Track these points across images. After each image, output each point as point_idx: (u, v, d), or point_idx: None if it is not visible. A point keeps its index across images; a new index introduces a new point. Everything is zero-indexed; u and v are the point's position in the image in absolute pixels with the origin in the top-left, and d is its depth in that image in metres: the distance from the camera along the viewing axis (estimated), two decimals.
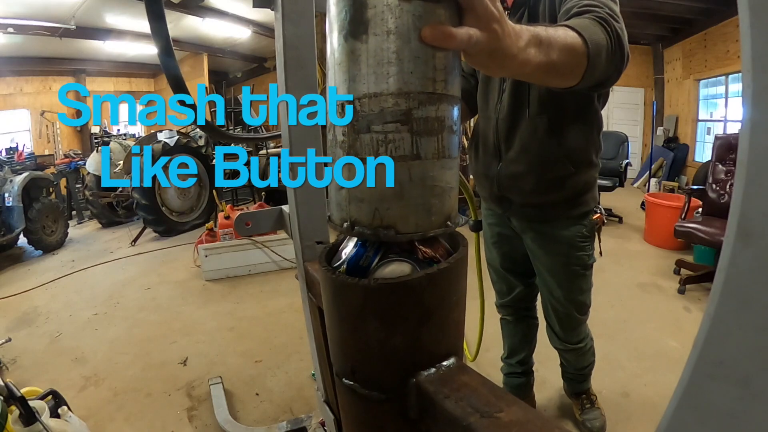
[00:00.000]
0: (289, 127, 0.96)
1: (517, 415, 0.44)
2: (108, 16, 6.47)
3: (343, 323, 0.53)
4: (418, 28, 0.45)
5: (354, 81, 0.48)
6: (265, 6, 0.95)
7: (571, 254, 1.41)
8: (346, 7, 0.47)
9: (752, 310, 0.27)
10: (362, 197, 0.49)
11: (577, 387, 1.83)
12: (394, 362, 0.51)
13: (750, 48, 0.26)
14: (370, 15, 0.46)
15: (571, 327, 1.56)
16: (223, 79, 8.53)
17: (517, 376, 1.84)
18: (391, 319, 0.49)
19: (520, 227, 1.48)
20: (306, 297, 1.07)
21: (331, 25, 0.49)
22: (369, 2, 0.46)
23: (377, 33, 0.46)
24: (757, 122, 0.27)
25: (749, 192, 0.27)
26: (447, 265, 0.50)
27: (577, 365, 1.73)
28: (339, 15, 0.48)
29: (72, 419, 1.58)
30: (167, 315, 3.15)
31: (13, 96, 8.10)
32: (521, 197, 1.38)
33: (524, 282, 1.65)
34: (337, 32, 0.48)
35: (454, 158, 0.52)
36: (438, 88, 0.48)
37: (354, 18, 0.46)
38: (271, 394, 2.18)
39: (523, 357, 1.80)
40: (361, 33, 0.46)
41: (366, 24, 0.46)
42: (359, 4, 0.46)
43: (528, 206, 1.39)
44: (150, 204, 4.95)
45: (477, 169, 1.49)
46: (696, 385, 0.29)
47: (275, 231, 3.62)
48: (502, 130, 1.32)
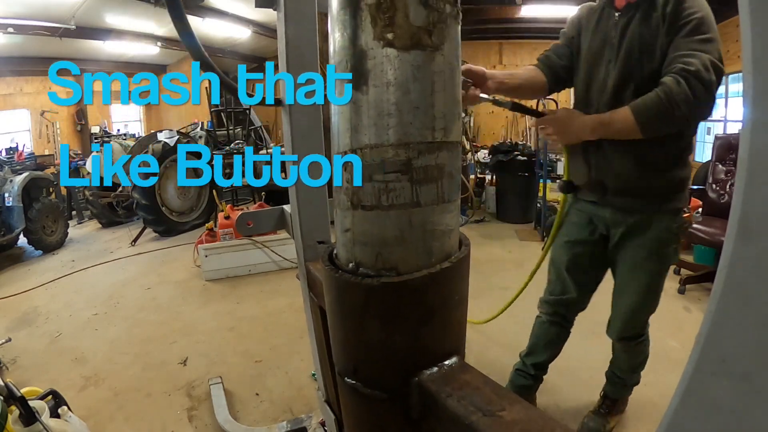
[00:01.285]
0: (290, 128, 0.96)
1: (519, 413, 0.44)
2: (108, 16, 6.46)
3: (345, 322, 0.54)
4: (418, 79, 0.47)
5: (356, 131, 0.49)
6: (267, 6, 0.95)
7: (657, 249, 1.43)
8: (347, 57, 0.48)
9: (753, 307, 0.27)
10: (365, 241, 0.51)
11: (611, 389, 1.79)
12: (396, 361, 0.51)
13: (750, 48, 0.27)
14: (370, 66, 0.47)
15: (638, 322, 1.57)
16: None
17: (524, 377, 1.79)
18: (394, 318, 0.50)
19: (612, 220, 1.47)
20: (307, 296, 1.07)
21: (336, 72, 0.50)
22: (369, 53, 0.46)
23: (377, 84, 0.47)
24: (758, 122, 0.27)
25: (750, 192, 0.27)
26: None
27: (629, 363, 1.70)
28: (340, 64, 0.49)
29: (72, 419, 1.58)
30: (167, 315, 3.14)
31: (13, 96, 8.10)
32: (616, 181, 1.41)
33: (580, 290, 1.65)
34: (339, 80, 0.50)
35: (454, 201, 0.54)
36: (437, 137, 0.49)
37: (355, 68, 0.47)
38: (271, 394, 2.17)
39: (540, 361, 1.77)
40: (362, 84, 0.47)
41: (366, 75, 0.47)
42: (360, 55, 0.47)
43: (624, 194, 1.42)
44: (150, 204, 4.95)
45: (573, 157, 1.52)
46: (698, 381, 0.29)
47: (275, 231, 3.62)
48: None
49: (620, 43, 1.33)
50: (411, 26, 0.46)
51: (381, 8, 0.45)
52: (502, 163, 5.10)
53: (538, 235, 4.60)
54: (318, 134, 0.98)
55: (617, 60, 1.34)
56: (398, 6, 0.45)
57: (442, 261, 0.52)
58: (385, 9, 0.45)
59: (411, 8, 0.46)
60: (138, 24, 6.99)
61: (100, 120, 9.36)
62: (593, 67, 1.42)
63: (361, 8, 0.46)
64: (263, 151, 6.25)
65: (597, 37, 1.41)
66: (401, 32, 0.46)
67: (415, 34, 0.46)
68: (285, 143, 1.02)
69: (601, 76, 1.40)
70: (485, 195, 5.73)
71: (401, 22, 0.46)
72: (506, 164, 5.07)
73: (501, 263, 3.92)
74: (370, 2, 0.46)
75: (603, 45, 1.39)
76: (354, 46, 0.47)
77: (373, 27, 0.46)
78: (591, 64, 1.43)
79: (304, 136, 0.97)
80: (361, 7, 0.46)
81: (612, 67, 1.36)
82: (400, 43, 0.46)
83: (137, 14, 6.50)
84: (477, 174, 5.80)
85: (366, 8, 0.46)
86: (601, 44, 1.39)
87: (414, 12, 0.46)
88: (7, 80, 7.90)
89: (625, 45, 1.32)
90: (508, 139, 7.10)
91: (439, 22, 0.47)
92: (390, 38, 0.46)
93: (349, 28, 0.47)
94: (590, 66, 1.44)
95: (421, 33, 0.46)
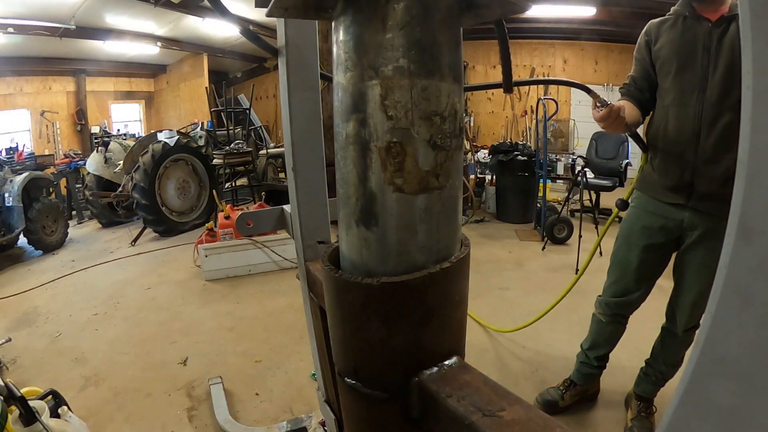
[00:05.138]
0: (291, 128, 0.96)
1: (519, 414, 0.44)
2: (108, 16, 6.47)
3: (345, 322, 0.54)
4: (425, 220, 0.48)
5: (365, 265, 0.51)
6: (267, 6, 0.95)
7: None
8: (357, 195, 0.49)
9: (753, 307, 0.27)
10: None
11: (649, 389, 1.84)
12: (396, 361, 0.51)
13: (750, 48, 0.27)
14: (379, 209, 0.48)
15: (696, 314, 1.64)
16: (223, 79, 8.52)
17: (590, 367, 1.94)
18: (394, 318, 0.49)
19: (690, 222, 1.54)
20: (307, 296, 1.07)
21: (343, 205, 0.51)
22: (378, 197, 0.47)
23: (385, 225, 0.48)
24: (758, 122, 0.27)
25: (749, 191, 0.27)
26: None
27: (671, 361, 1.76)
28: (350, 199, 0.50)
29: (72, 419, 1.58)
30: (167, 315, 3.14)
31: (13, 96, 8.10)
32: (708, 185, 1.46)
33: (643, 288, 1.72)
34: (348, 216, 0.51)
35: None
36: (443, 266, 0.50)
37: (364, 208, 0.49)
38: (271, 394, 2.18)
39: (602, 354, 1.92)
40: (372, 225, 0.49)
41: (376, 216, 0.48)
42: (369, 197, 0.48)
43: (711, 198, 1.47)
44: (150, 204, 4.95)
45: (664, 158, 1.57)
46: (698, 382, 0.29)
47: (275, 231, 3.63)
48: (708, 117, 1.44)
49: (718, 51, 1.40)
50: (420, 171, 0.47)
51: (391, 152, 0.46)
52: (502, 163, 5.10)
53: (538, 235, 4.60)
54: (317, 129, 0.98)
55: (717, 67, 1.40)
56: (408, 151, 0.46)
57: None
58: (395, 154, 0.46)
59: (420, 152, 0.47)
60: (138, 24, 6.99)
61: (100, 120, 9.37)
62: (684, 72, 1.48)
63: (370, 149, 0.47)
64: (263, 151, 6.27)
65: (684, 42, 1.47)
66: (410, 178, 0.47)
67: (423, 179, 0.47)
68: (285, 142, 1.02)
69: (696, 80, 1.44)
70: (485, 195, 5.73)
71: (410, 168, 0.47)
72: (506, 164, 5.07)
73: (501, 263, 3.92)
74: (380, 145, 0.46)
75: (694, 49, 1.45)
76: (364, 187, 0.48)
77: (383, 171, 0.47)
78: (680, 69, 1.49)
79: (305, 134, 0.97)
80: (371, 149, 0.47)
81: (711, 73, 1.41)
82: (409, 189, 0.47)
83: (137, 14, 6.51)
84: (477, 174, 5.81)
85: (376, 150, 0.47)
86: (691, 48, 1.45)
87: (423, 156, 0.47)
88: (7, 80, 7.90)
89: (725, 53, 1.39)
90: (508, 139, 7.10)
91: (446, 161, 0.48)
92: (399, 184, 0.47)
93: (359, 167, 0.48)
94: (680, 70, 1.49)
95: (429, 176, 0.48)
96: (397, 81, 0.45)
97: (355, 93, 0.47)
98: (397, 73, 0.45)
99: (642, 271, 1.69)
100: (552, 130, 5.95)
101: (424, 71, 0.46)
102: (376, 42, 0.45)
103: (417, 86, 0.46)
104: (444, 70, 0.47)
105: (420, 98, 0.46)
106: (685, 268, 1.62)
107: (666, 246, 1.63)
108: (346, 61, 0.47)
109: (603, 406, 2.00)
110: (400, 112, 0.46)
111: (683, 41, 1.47)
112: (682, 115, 1.48)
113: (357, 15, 0.46)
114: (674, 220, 1.57)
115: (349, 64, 0.47)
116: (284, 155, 1.52)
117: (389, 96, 0.46)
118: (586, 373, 1.95)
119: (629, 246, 1.70)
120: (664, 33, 1.53)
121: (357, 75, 0.47)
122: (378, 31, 0.45)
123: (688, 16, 1.48)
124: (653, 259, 1.67)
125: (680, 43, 1.48)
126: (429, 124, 0.47)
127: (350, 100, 0.48)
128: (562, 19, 6.74)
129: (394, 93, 0.46)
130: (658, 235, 1.62)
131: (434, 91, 0.47)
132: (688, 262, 1.60)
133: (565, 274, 3.58)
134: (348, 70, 0.47)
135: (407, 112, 0.46)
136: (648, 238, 1.64)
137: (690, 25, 1.47)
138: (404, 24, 0.45)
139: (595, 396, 2.02)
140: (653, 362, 1.82)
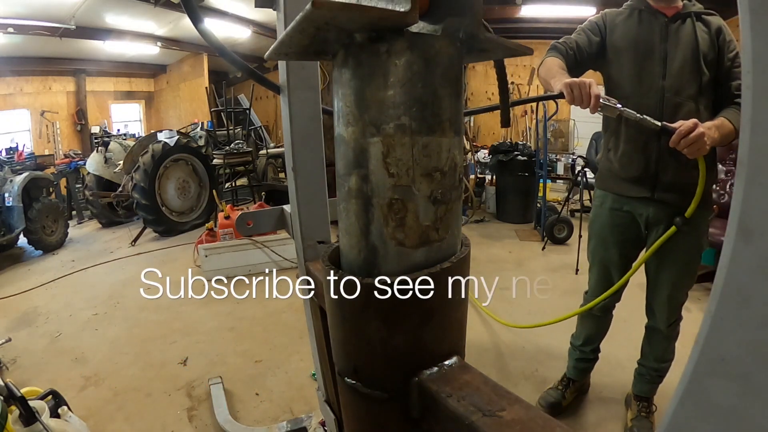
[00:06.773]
0: (291, 128, 0.96)
1: (519, 413, 0.44)
2: (108, 16, 6.46)
3: (345, 322, 0.54)
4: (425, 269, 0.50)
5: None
6: (267, 6, 0.95)
7: (695, 241, 1.58)
8: (360, 246, 0.51)
9: (753, 307, 0.27)
10: None
11: (645, 388, 1.84)
12: (396, 361, 0.51)
13: (750, 48, 0.27)
14: (381, 261, 0.50)
15: (675, 308, 1.68)
16: (223, 79, 8.52)
17: (587, 362, 1.98)
18: (393, 318, 0.50)
19: (655, 218, 1.58)
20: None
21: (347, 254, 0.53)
22: (380, 249, 0.49)
23: (387, 275, 0.50)
24: (758, 122, 0.27)
25: (749, 191, 0.27)
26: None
27: (661, 357, 1.77)
28: (353, 249, 0.52)
29: (72, 419, 1.58)
30: (167, 315, 3.14)
31: (13, 96, 8.09)
32: (674, 174, 1.50)
33: (623, 284, 1.74)
34: (350, 263, 0.52)
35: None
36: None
37: (367, 260, 0.51)
38: (271, 394, 2.18)
39: (597, 345, 1.96)
40: (374, 276, 0.50)
41: (378, 268, 0.50)
42: (372, 249, 0.50)
43: (674, 188, 1.51)
44: (150, 204, 4.95)
45: (625, 149, 1.58)
46: (697, 382, 0.30)
47: (275, 231, 3.63)
48: (669, 106, 1.47)
49: (676, 43, 1.45)
50: (420, 226, 0.48)
51: (393, 209, 0.47)
52: (502, 163, 5.10)
53: (538, 235, 4.60)
54: (317, 129, 0.98)
55: (675, 58, 1.45)
56: (409, 207, 0.47)
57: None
58: (396, 210, 0.47)
59: (420, 208, 0.47)
60: (138, 24, 6.99)
61: (100, 120, 9.36)
62: (643, 62, 1.51)
63: (372, 205, 0.48)
64: (263, 151, 6.26)
65: (642, 34, 1.51)
66: (411, 233, 0.48)
67: (423, 233, 0.48)
68: (285, 141, 1.02)
69: (655, 70, 1.49)
70: (485, 195, 5.73)
71: (411, 223, 0.48)
72: (506, 164, 5.07)
73: (501, 263, 3.92)
74: (382, 202, 0.47)
75: (651, 41, 1.49)
76: (366, 240, 0.49)
77: (384, 226, 0.48)
78: (639, 59, 1.52)
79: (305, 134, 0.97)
80: (373, 204, 0.48)
81: (670, 64, 1.46)
82: (410, 243, 0.48)
83: (137, 14, 6.51)
84: (477, 174, 5.81)
85: (378, 207, 0.47)
86: (648, 39, 1.49)
87: (423, 211, 0.48)
88: (7, 80, 7.89)
89: (682, 46, 1.44)
90: (508, 139, 7.10)
91: (446, 214, 0.49)
92: (401, 239, 0.48)
93: (361, 220, 0.49)
94: (639, 60, 1.52)
95: (429, 230, 0.49)
96: (399, 139, 0.45)
97: (356, 148, 0.47)
98: (399, 131, 0.45)
99: (623, 263, 1.73)
100: (552, 130, 5.95)
101: (425, 128, 0.46)
102: (377, 98, 0.45)
103: (418, 144, 0.46)
104: (445, 125, 0.47)
105: (421, 155, 0.46)
106: (655, 265, 1.65)
107: (640, 234, 1.67)
108: (347, 114, 0.48)
109: (603, 406, 2.00)
110: (402, 169, 0.46)
111: (640, 33, 1.52)
112: (644, 105, 1.46)
113: (358, 70, 0.46)
114: (640, 215, 1.61)
115: (351, 118, 0.47)
116: (284, 155, 1.52)
117: (391, 153, 0.46)
118: (583, 368, 1.99)
119: (606, 245, 1.73)
120: (620, 24, 1.57)
121: (359, 130, 0.47)
122: (380, 88, 0.45)
123: (644, 10, 1.52)
124: (631, 250, 1.72)
125: (637, 34, 1.52)
126: (430, 180, 0.47)
127: (352, 155, 0.48)
128: (562, 19, 6.73)
129: (395, 150, 0.46)
130: (631, 228, 1.66)
131: (435, 148, 0.47)
132: (656, 258, 1.62)
133: (565, 274, 3.57)
134: (350, 124, 0.48)
135: (408, 169, 0.46)
136: (621, 234, 1.68)
137: (646, 19, 1.52)
138: (406, 81, 0.44)
139: (587, 388, 2.06)
140: (644, 361, 1.83)
